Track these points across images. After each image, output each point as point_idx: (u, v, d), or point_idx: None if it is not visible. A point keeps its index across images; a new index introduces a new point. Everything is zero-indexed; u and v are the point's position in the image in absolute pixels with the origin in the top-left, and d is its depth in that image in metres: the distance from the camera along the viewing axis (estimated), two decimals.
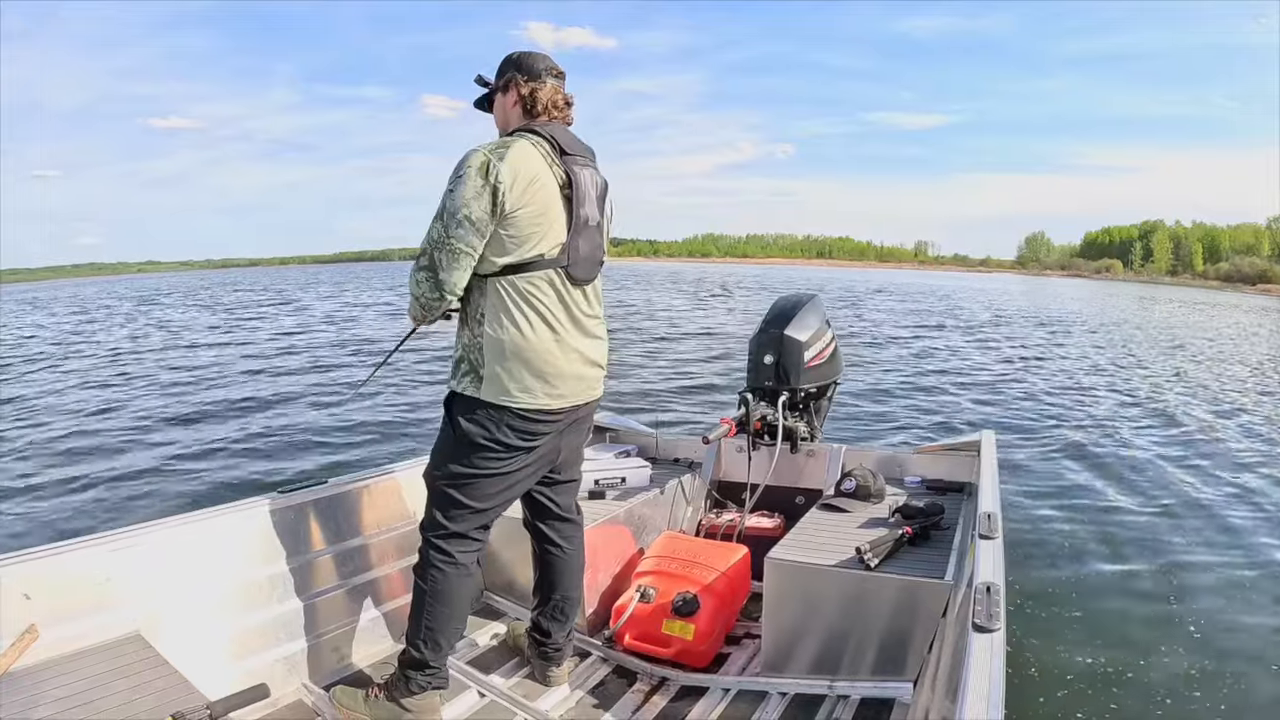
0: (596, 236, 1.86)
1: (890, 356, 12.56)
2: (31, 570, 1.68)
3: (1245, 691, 2.76)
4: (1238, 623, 3.30)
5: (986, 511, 1.87)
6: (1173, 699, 2.69)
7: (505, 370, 1.75)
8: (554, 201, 1.74)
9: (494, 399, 1.76)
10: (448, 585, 1.87)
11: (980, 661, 1.18)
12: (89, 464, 5.93)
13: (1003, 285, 55.98)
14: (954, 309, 25.64)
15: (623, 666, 2.33)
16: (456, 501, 1.84)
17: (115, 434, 7.03)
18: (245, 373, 10.59)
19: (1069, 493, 5.21)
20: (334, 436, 6.73)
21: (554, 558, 2.15)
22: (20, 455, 6.27)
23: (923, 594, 2.01)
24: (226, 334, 16.79)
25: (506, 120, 1.87)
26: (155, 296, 38.03)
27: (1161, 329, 21.00)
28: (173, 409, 8.08)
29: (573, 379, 1.84)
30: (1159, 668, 2.89)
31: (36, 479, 5.53)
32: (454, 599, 1.89)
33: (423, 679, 1.89)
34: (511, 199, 1.67)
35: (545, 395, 1.79)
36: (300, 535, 2.20)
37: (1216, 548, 4.21)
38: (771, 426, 2.97)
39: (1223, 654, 3.00)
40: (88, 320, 22.54)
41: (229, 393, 9.00)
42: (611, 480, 2.95)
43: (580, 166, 1.80)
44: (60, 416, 7.90)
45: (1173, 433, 7.22)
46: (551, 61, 1.86)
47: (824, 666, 2.13)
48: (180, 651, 1.79)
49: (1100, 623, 3.26)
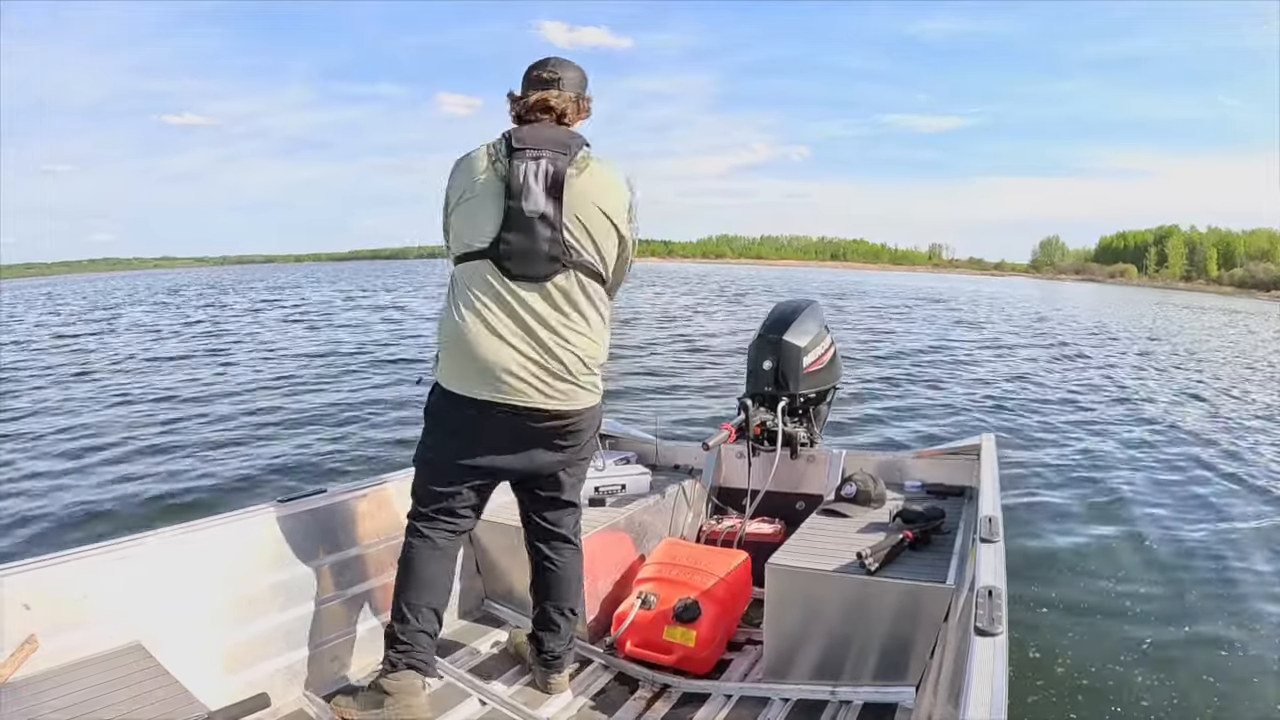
0: (543, 229, 1.78)
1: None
2: (31, 580, 1.67)
3: (1251, 697, 2.75)
4: (1244, 629, 3.29)
5: (987, 515, 1.87)
6: (1177, 704, 2.68)
7: (446, 354, 1.87)
8: (488, 198, 1.80)
9: (439, 379, 1.90)
10: (414, 556, 1.95)
11: (983, 666, 1.18)
12: (99, 472, 5.92)
13: (1008, 290, 55.44)
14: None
15: (624, 674, 2.32)
16: (421, 478, 1.99)
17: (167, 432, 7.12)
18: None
19: (1071, 496, 5.21)
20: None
21: (545, 570, 2.15)
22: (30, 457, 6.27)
23: (924, 598, 2.00)
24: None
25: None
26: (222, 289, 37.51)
27: (1175, 335, 20.98)
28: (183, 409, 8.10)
29: (507, 375, 1.79)
30: (1163, 672, 2.88)
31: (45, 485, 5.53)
32: (420, 571, 1.95)
33: (394, 654, 1.90)
34: (452, 198, 1.87)
35: (474, 383, 1.82)
36: (300, 544, 2.20)
37: (1223, 553, 4.19)
38: (771, 432, 2.97)
39: (1228, 659, 3.00)
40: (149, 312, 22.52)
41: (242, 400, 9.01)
42: (611, 487, 2.95)
43: (531, 160, 1.78)
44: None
45: (1179, 436, 7.22)
46: (542, 69, 1.90)
47: (826, 672, 2.13)
48: (180, 661, 1.78)
49: (1103, 626, 3.25)
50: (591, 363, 1.90)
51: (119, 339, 16.59)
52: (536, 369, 1.82)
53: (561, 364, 1.84)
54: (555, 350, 1.83)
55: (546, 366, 1.82)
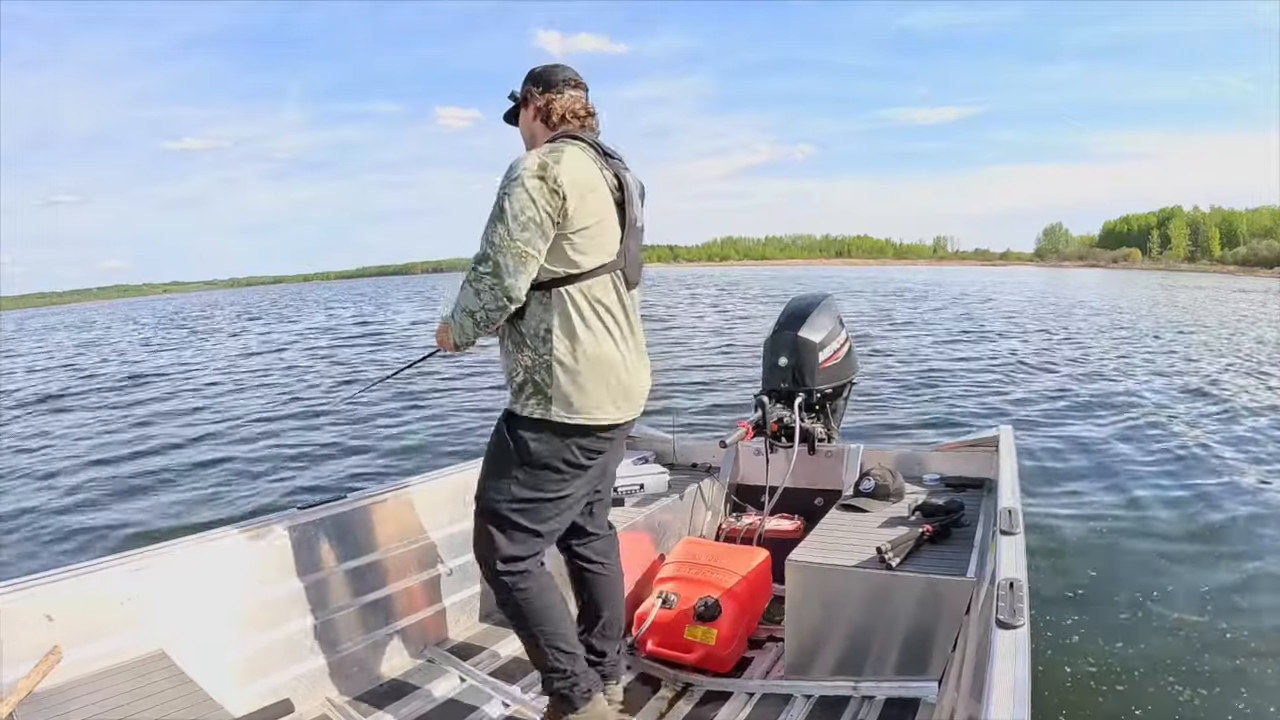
0: (641, 238, 1.84)
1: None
2: (54, 591, 1.70)
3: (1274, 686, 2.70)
4: (1274, 618, 3.22)
5: (1007, 507, 1.85)
6: (1203, 696, 2.63)
7: (578, 387, 1.69)
8: (610, 206, 1.72)
9: (566, 418, 1.70)
10: (540, 597, 1.81)
11: (1005, 658, 1.16)
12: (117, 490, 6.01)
13: (997, 280, 54.19)
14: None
15: (646, 673, 2.31)
16: (521, 526, 1.77)
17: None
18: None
19: (1092, 485, 5.13)
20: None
21: (595, 576, 2.07)
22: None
23: (945, 592, 1.99)
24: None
25: (532, 132, 1.84)
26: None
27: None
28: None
29: (635, 390, 1.81)
30: (1188, 663, 2.82)
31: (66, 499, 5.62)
32: (552, 603, 1.83)
33: (581, 690, 1.84)
34: (573, 204, 1.63)
35: (614, 409, 1.75)
36: (320, 551, 2.21)
37: (1256, 543, 4.10)
38: (788, 428, 2.95)
39: (1257, 650, 2.93)
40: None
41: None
42: (630, 487, 2.94)
43: (624, 169, 1.79)
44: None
45: (1207, 424, 7.07)
46: (572, 72, 1.84)
47: (848, 668, 2.11)
48: (204, 669, 1.80)
49: (1128, 618, 3.19)
50: None
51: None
52: (648, 374, 1.88)
53: (648, 362, 1.89)
54: (643, 342, 1.88)
55: (648, 368, 1.88)
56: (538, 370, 1.70)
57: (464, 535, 2.58)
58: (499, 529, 1.78)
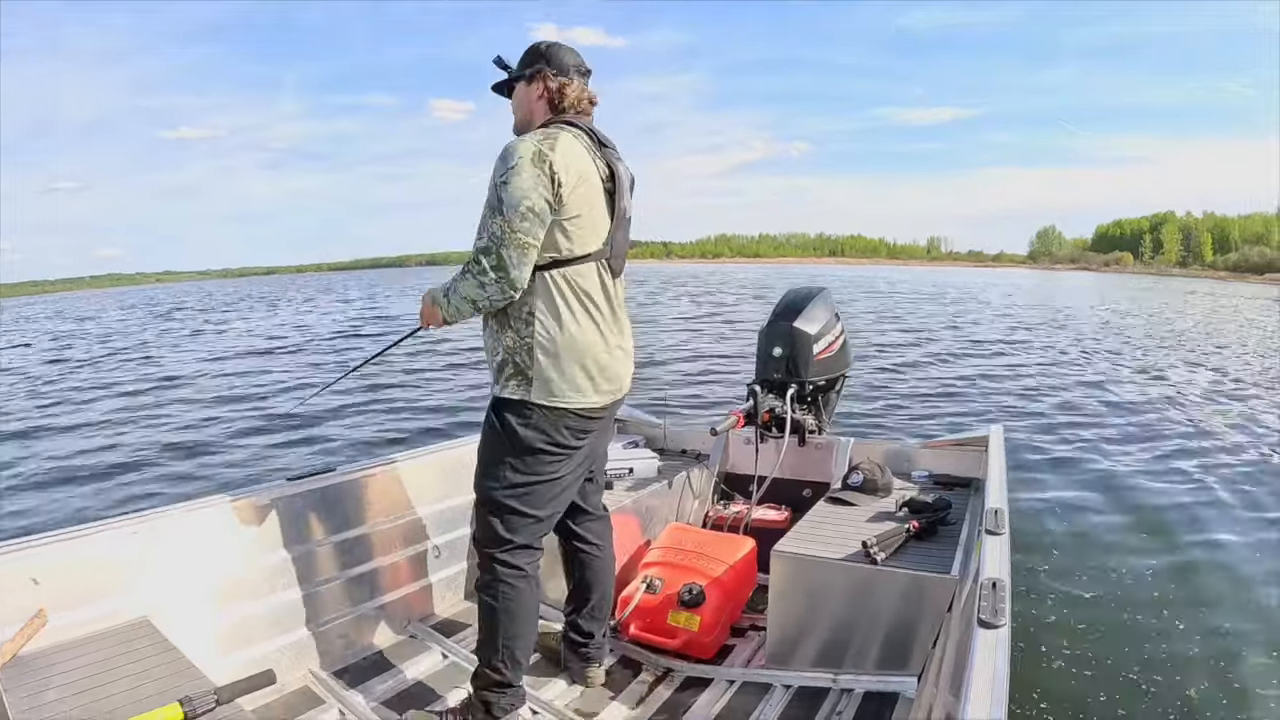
0: (629, 229, 1.85)
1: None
2: (40, 555, 1.69)
3: (1256, 691, 2.73)
4: (1251, 622, 3.26)
5: (994, 507, 1.86)
6: (1180, 697, 2.67)
7: (558, 370, 1.71)
8: (599, 195, 1.73)
9: (546, 400, 1.72)
10: (520, 600, 1.81)
11: (985, 657, 1.17)
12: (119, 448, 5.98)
13: (989, 280, 54.35)
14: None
15: (628, 657, 2.33)
16: (518, 511, 1.78)
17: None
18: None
19: (1078, 488, 5.17)
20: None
21: (589, 557, 2.10)
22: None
23: (928, 589, 2.00)
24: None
25: (530, 111, 1.79)
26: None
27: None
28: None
29: (614, 374, 1.82)
30: (1166, 666, 2.86)
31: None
32: (528, 612, 1.85)
33: (506, 701, 1.85)
34: (567, 191, 1.64)
35: (595, 393, 1.77)
36: (307, 523, 2.21)
37: (1230, 545, 4.14)
38: (780, 419, 2.96)
39: (1234, 653, 2.97)
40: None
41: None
42: (619, 471, 2.95)
43: (616, 159, 1.79)
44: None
45: (1187, 429, 7.13)
46: (579, 58, 1.80)
47: (828, 659, 2.13)
48: (188, 637, 1.80)
49: (1107, 620, 3.23)
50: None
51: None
52: (629, 359, 1.89)
53: (632, 347, 1.92)
54: (630, 337, 1.90)
55: (630, 354, 1.90)
56: (518, 352, 1.72)
57: (452, 512, 2.60)
58: (498, 516, 1.79)
